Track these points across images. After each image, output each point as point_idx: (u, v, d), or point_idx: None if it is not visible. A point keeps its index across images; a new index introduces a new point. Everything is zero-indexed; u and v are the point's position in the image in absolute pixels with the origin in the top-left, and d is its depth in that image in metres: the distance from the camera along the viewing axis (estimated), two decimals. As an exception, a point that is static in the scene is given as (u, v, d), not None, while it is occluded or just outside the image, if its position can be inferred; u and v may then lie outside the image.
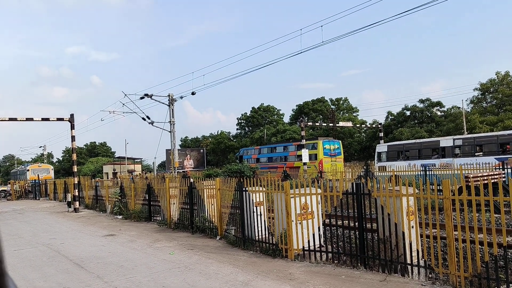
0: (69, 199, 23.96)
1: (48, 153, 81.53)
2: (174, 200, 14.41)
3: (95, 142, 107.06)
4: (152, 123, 29.28)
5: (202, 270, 8.10)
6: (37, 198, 36.90)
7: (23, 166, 64.67)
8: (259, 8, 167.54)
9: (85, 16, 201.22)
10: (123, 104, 29.34)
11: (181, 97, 30.02)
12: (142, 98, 28.86)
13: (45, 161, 74.73)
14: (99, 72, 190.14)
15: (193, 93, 28.67)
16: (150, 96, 28.79)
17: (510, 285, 5.78)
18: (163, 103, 29.56)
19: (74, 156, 24.32)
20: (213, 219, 11.92)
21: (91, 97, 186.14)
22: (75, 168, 24.15)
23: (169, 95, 29.43)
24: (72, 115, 23.38)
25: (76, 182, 23.54)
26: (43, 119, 23.61)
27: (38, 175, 47.90)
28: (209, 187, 12.19)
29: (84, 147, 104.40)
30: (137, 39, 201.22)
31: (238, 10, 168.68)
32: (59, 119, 23.76)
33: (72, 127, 23.23)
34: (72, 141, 23.43)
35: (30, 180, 48.05)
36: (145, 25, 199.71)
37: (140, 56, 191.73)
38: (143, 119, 29.39)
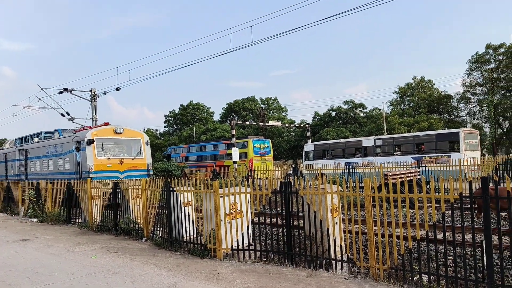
0: (-24, 202, 21.71)
1: (-49, 150, 73.07)
2: (96, 201, 13.65)
3: (6, 139, 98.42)
4: (72, 119, 27.46)
5: (126, 273, 7.75)
6: None
7: (57, 133, 23.83)
8: (188, 4, 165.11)
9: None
10: (39, 99, 27.22)
11: (105, 93, 28.68)
12: (61, 92, 27.05)
13: None
14: (11, 63, 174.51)
15: (117, 89, 27.56)
16: (70, 91, 27.09)
17: (423, 275, 6.22)
18: (84, 99, 27.97)
19: (-18, 154, 21.97)
20: (139, 220, 11.47)
21: (2, 90, 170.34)
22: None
23: (91, 90, 27.91)
24: (-21, 109, 21.22)
25: (-16, 182, 21.37)
26: None
27: (120, 156, 19.86)
28: (135, 187, 11.72)
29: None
30: (54, 30, 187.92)
31: (166, 5, 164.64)
32: (-37, 113, 21.47)
33: (-20, 122, 21.07)
34: (-21, 138, 21.24)
35: (92, 171, 18.71)
36: (64, 16, 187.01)
37: (58, 48, 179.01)
38: (62, 115, 27.51)
